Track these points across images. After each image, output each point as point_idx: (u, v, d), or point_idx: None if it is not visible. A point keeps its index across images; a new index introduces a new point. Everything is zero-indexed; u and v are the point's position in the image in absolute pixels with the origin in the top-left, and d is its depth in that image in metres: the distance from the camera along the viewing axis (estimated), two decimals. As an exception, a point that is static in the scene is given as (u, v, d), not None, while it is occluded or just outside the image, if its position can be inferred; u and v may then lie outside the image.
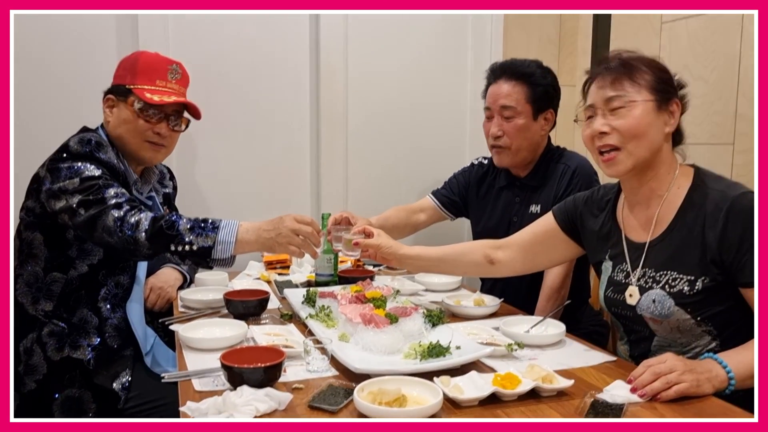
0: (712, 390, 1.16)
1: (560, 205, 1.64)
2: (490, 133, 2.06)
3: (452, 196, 2.26)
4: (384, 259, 1.70)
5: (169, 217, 1.58)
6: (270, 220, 1.62)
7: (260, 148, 2.48)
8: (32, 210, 1.72)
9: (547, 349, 1.45)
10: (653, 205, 1.42)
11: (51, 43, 2.20)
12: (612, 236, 1.50)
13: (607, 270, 1.50)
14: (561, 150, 2.11)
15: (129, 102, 1.77)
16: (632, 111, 1.34)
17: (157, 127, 1.79)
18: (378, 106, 2.61)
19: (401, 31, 2.59)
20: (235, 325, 1.52)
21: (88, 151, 1.67)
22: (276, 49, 2.45)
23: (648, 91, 1.35)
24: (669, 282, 1.35)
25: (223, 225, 1.58)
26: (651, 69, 1.37)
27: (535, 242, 1.65)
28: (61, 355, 1.66)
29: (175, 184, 2.15)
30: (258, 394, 1.10)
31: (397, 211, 2.23)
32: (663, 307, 1.35)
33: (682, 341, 1.38)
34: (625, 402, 1.12)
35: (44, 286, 1.70)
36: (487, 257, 1.68)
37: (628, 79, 1.35)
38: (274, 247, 1.61)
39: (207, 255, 1.57)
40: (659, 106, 1.35)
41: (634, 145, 1.35)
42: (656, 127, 1.36)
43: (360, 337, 1.39)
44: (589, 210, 1.57)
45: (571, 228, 1.60)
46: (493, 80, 2.07)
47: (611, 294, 1.47)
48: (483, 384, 1.15)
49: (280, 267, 2.28)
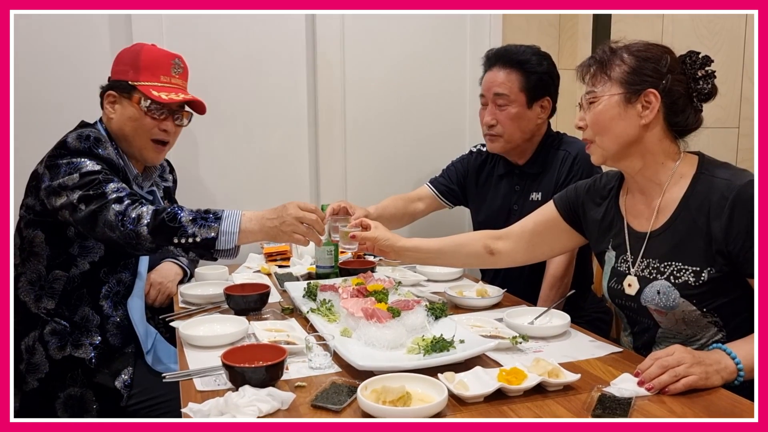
0: (721, 382, 1.15)
1: (561, 194, 1.62)
2: (483, 121, 2.04)
3: (450, 185, 2.24)
4: (382, 252, 1.68)
5: (170, 210, 1.55)
6: (273, 208, 1.59)
7: (258, 142, 2.46)
8: (32, 207, 1.70)
9: (552, 341, 1.43)
10: (654, 195, 1.39)
11: (45, 39, 2.16)
12: (614, 225, 1.48)
13: (611, 260, 1.48)
14: (561, 136, 2.08)
15: (134, 99, 1.74)
16: (597, 106, 1.36)
17: (163, 124, 1.77)
18: (376, 97, 2.57)
19: (400, 21, 2.54)
20: (236, 321, 1.50)
21: (87, 147, 1.64)
22: (272, 44, 2.41)
23: (617, 84, 1.34)
24: (674, 273, 1.33)
25: (225, 215, 1.56)
26: (633, 58, 1.34)
27: (535, 232, 1.62)
28: (63, 353, 1.65)
29: (175, 177, 2.13)
30: (260, 393, 1.09)
31: (394, 201, 2.20)
32: (668, 298, 1.33)
33: (688, 333, 1.36)
34: (633, 396, 1.11)
35: (47, 284, 1.69)
36: (486, 248, 1.66)
37: (601, 73, 1.36)
38: (278, 236, 1.58)
39: (211, 246, 1.54)
40: (627, 99, 1.33)
41: (601, 139, 1.38)
42: (625, 121, 1.34)
43: (362, 332, 1.37)
44: (591, 199, 1.55)
45: (572, 217, 1.58)
46: (488, 67, 2.03)
47: (614, 285, 1.45)
48: (488, 380, 1.14)
49: (280, 259, 2.26)
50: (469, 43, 2.64)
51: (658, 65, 1.33)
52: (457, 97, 2.67)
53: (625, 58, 1.34)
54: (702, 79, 1.35)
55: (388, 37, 2.54)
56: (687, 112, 1.36)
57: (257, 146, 2.46)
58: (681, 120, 1.36)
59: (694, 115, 1.37)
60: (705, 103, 1.37)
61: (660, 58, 1.33)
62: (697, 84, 1.35)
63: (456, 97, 2.67)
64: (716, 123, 2.05)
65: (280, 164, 2.49)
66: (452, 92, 2.67)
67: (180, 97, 1.76)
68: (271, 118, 2.46)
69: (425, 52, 2.60)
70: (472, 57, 2.61)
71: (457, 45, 2.64)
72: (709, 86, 1.35)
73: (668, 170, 1.37)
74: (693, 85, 1.35)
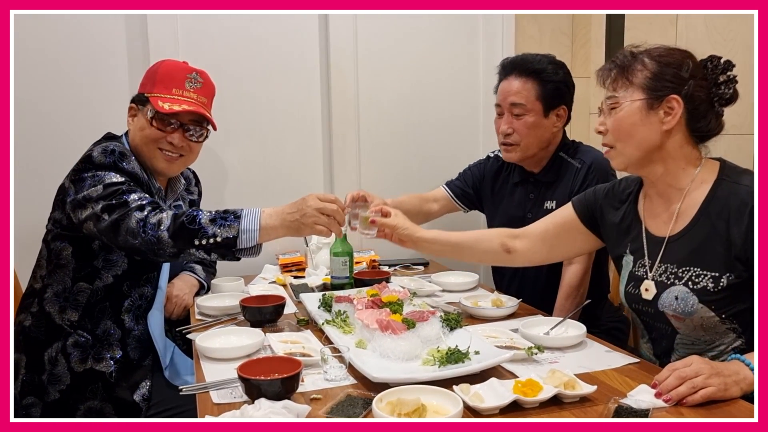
0: (740, 393, 1.13)
1: (580, 197, 1.62)
2: (500, 130, 2.04)
3: (466, 188, 2.25)
4: (400, 241, 1.67)
5: (189, 212, 1.56)
6: (292, 202, 1.59)
7: (272, 147, 2.48)
8: (59, 221, 1.73)
9: (568, 351, 1.42)
10: (674, 199, 1.39)
11: (62, 46, 2.21)
12: (632, 230, 1.48)
13: (628, 264, 1.47)
14: (576, 144, 2.08)
15: (145, 110, 1.77)
16: (619, 112, 1.35)
17: (171, 136, 1.77)
18: (389, 103, 2.59)
19: (412, 25, 2.56)
20: (252, 333, 1.51)
21: (112, 162, 1.67)
22: (286, 48, 2.44)
23: (639, 90, 1.33)
24: (692, 278, 1.32)
25: (245, 213, 1.55)
26: (655, 63, 1.33)
27: (553, 233, 1.63)
28: (84, 366, 1.67)
29: (200, 190, 2.14)
30: (276, 406, 1.09)
31: (410, 198, 2.23)
32: (686, 304, 1.32)
33: (706, 339, 1.35)
34: (650, 407, 1.09)
35: (71, 296, 1.71)
36: (503, 246, 1.66)
37: (623, 78, 1.35)
38: (300, 229, 1.57)
39: (232, 246, 1.53)
40: (650, 105, 1.32)
41: (623, 145, 1.37)
42: (646, 127, 1.33)
43: (377, 343, 1.37)
44: (609, 203, 1.55)
45: (590, 220, 1.58)
46: (503, 76, 2.04)
47: (632, 290, 1.44)
48: (504, 391, 1.13)
49: (296, 270, 2.28)
50: (482, 45, 2.65)
51: (680, 70, 1.32)
52: (470, 107, 2.68)
53: (647, 63, 1.34)
54: (724, 84, 1.34)
55: (401, 38, 2.56)
56: (708, 117, 1.35)
57: (270, 153, 2.49)
58: (703, 125, 1.36)
59: (715, 120, 1.36)
60: (725, 108, 1.36)
61: (682, 63, 1.33)
62: (719, 89, 1.34)
63: (469, 107, 2.68)
64: (732, 129, 2.02)
65: (295, 175, 2.52)
66: (465, 102, 2.68)
67: (182, 107, 1.74)
68: (284, 127, 2.49)
69: (438, 61, 2.62)
70: (485, 62, 2.62)
71: (470, 50, 2.65)
72: (730, 91, 1.34)
73: (689, 175, 1.37)
74: (715, 90, 1.34)
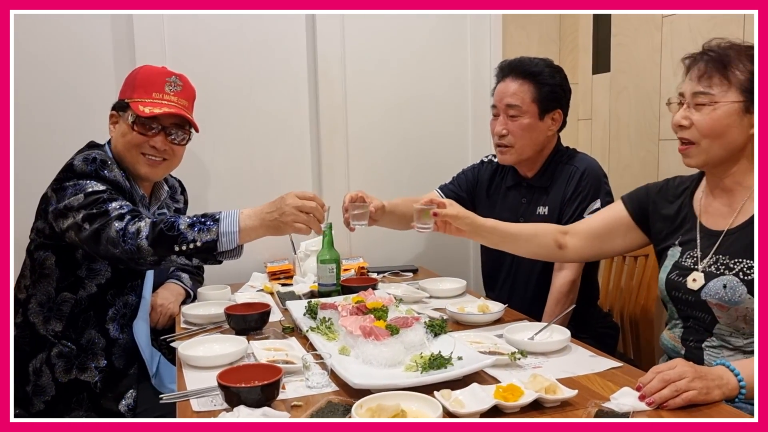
0: (721, 397, 1.13)
1: (631, 194, 1.64)
2: (494, 131, 2.04)
3: (460, 192, 2.24)
4: (458, 231, 1.65)
5: (168, 219, 1.55)
6: (270, 201, 1.58)
7: (259, 153, 2.47)
8: (42, 231, 1.73)
9: (552, 356, 1.42)
10: (738, 195, 1.40)
11: (47, 53, 2.20)
12: (686, 223, 1.49)
13: (674, 255, 1.48)
14: (571, 151, 2.08)
15: (126, 116, 1.76)
16: (714, 111, 1.33)
17: (153, 140, 1.76)
18: (378, 105, 2.59)
19: (399, 27, 2.56)
20: (235, 341, 1.50)
21: (93, 170, 1.66)
22: (272, 52, 2.44)
23: (738, 91, 1.31)
24: (744, 270, 1.33)
25: (223, 216, 1.55)
26: (752, 64, 1.30)
27: (602, 230, 1.65)
28: (69, 377, 1.66)
29: (186, 198, 2.13)
30: (255, 414, 1.09)
31: (405, 201, 2.21)
32: (734, 293, 1.32)
33: (746, 331, 1.34)
34: (631, 410, 1.09)
35: (55, 306, 1.70)
36: (556, 242, 1.68)
37: (720, 76, 1.32)
38: (280, 228, 1.56)
39: (213, 249, 1.53)
40: (746, 108, 1.31)
41: (709, 143, 1.35)
42: (738, 129, 1.33)
43: (361, 350, 1.36)
44: (663, 197, 1.56)
45: (641, 216, 1.59)
46: (501, 78, 2.05)
47: (675, 277, 1.45)
48: (484, 396, 1.13)
49: (283, 277, 2.27)
50: (470, 49, 2.64)
51: None
52: (459, 112, 2.68)
53: (742, 63, 1.32)
54: None
55: (389, 41, 2.56)
56: None
57: (260, 164, 2.48)
58: None
59: None
60: None
61: None
62: None
63: (458, 112, 2.68)
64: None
65: (283, 181, 2.49)
66: (454, 107, 2.67)
67: (162, 110, 1.73)
68: (272, 136, 2.48)
69: (426, 66, 2.62)
70: (473, 66, 2.63)
71: (458, 54, 2.64)
72: None
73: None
74: None
